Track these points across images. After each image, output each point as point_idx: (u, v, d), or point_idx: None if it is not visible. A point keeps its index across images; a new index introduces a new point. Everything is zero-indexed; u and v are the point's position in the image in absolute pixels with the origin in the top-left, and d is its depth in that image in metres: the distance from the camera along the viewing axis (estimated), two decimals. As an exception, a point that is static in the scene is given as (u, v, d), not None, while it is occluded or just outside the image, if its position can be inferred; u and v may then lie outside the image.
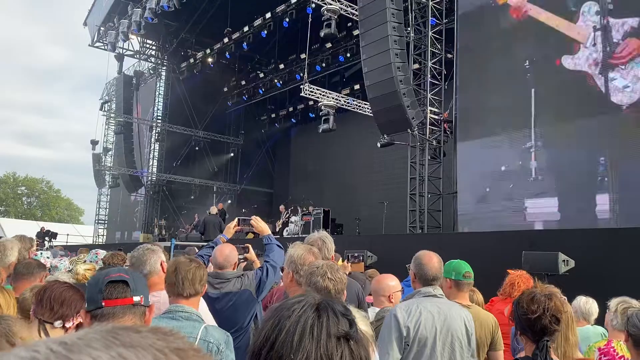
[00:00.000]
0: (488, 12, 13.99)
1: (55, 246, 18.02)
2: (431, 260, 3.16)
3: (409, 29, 15.39)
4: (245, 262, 4.67)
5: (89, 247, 7.85)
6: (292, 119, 27.39)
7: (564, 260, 6.47)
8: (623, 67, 11.10)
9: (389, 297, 3.55)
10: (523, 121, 12.85)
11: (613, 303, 3.56)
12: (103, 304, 1.87)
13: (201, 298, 2.93)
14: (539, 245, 7.30)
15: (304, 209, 17.66)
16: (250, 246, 4.58)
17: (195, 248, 7.59)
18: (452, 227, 14.37)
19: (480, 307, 4.38)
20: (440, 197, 15.15)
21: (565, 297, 3.00)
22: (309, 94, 18.14)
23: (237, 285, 3.73)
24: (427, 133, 14.97)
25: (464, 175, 14.08)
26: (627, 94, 10.97)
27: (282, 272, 3.63)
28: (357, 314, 1.78)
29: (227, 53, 25.06)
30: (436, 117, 15.25)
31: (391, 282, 3.69)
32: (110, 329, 0.51)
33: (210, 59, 26.14)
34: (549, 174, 12.26)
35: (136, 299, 1.92)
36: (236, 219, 4.55)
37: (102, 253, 5.32)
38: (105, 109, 30.21)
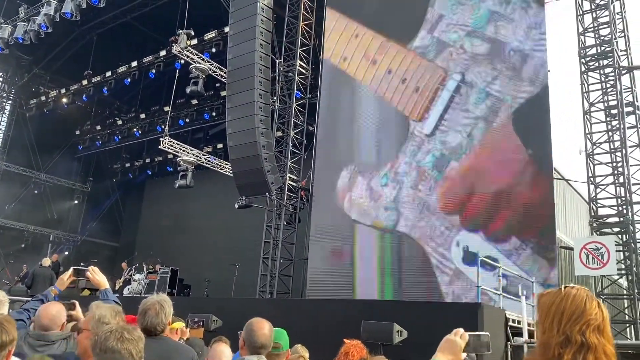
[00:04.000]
0: (347, 100, 15.04)
1: None
2: (262, 327, 3.15)
3: (275, 98, 15.97)
4: (75, 322, 4.26)
5: None
6: (148, 171, 26.29)
7: (398, 331, 6.85)
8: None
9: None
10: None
11: None
12: None
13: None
14: (378, 315, 7.67)
15: (150, 267, 16.74)
16: (76, 303, 4.19)
17: (16, 305, 6.75)
18: (300, 293, 14.56)
19: None
20: (292, 262, 15.38)
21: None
22: (168, 148, 17.72)
23: (61, 348, 3.40)
24: (285, 199, 15.32)
25: (316, 242, 14.50)
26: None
27: None
28: None
29: (85, 95, 23.74)
30: (294, 184, 15.73)
31: (225, 349, 3.64)
32: None
33: (64, 99, 24.48)
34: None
35: None
36: (71, 269, 4.20)
37: None
38: None
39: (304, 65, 16.36)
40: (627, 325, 11.64)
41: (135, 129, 24.56)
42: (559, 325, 1.69)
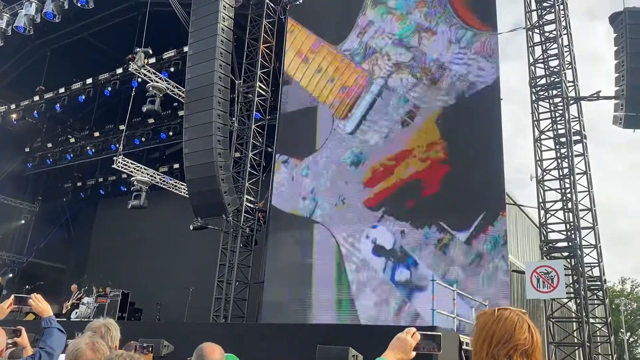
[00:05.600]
0: (306, 118, 15.21)
1: None
2: (213, 352, 3.12)
3: (233, 119, 15.88)
4: (14, 349, 4.03)
5: None
6: (101, 190, 25.52)
7: (353, 355, 6.80)
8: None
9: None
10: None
11: None
12: None
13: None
14: (334, 339, 7.60)
15: (100, 290, 16.15)
16: (23, 329, 3.97)
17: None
18: (255, 317, 14.31)
19: None
20: (248, 285, 15.13)
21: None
22: (122, 167, 17.30)
23: (-2, 376, 3.19)
24: (242, 220, 15.13)
25: (272, 265, 14.35)
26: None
27: None
28: None
29: (36, 112, 22.93)
30: (252, 205, 15.57)
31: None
32: None
33: (14, 115, 23.59)
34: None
35: None
36: (12, 297, 3.96)
37: None
38: None
39: (264, 87, 16.38)
40: (576, 347, 11.93)
41: (88, 147, 23.87)
42: (489, 348, 1.70)
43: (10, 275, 24.36)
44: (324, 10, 16.03)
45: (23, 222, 26.21)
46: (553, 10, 13.27)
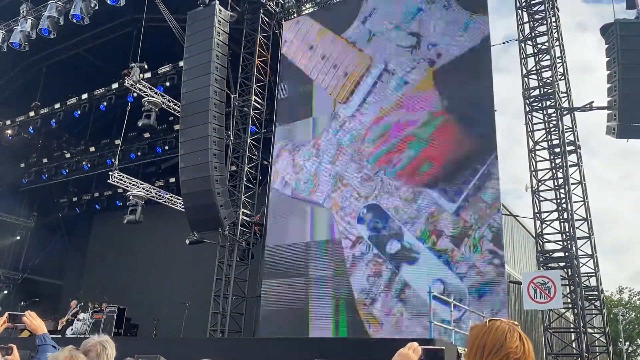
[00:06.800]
0: (301, 130, 15.32)
1: None
2: None
3: (229, 132, 15.92)
4: (7, 367, 4.00)
5: None
6: (96, 205, 25.50)
7: (352, 369, 6.76)
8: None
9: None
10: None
11: None
12: None
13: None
14: (332, 353, 7.56)
15: (96, 306, 16.03)
16: (14, 347, 3.94)
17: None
18: (252, 332, 14.24)
19: None
20: (245, 300, 15.07)
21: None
22: (117, 182, 17.28)
23: (-8, 396, 3.17)
24: (238, 234, 15.10)
25: (269, 278, 14.31)
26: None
27: None
28: None
29: (31, 127, 22.96)
30: (248, 219, 15.55)
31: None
32: None
33: (9, 131, 23.62)
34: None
35: None
36: (6, 314, 3.94)
37: None
38: None
39: (259, 100, 16.45)
40: (575, 358, 11.89)
41: (84, 162, 23.87)
42: (482, 358, 1.72)
43: (6, 292, 24.18)
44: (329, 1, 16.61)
45: (18, 238, 26.07)
46: (545, 22, 13.41)
